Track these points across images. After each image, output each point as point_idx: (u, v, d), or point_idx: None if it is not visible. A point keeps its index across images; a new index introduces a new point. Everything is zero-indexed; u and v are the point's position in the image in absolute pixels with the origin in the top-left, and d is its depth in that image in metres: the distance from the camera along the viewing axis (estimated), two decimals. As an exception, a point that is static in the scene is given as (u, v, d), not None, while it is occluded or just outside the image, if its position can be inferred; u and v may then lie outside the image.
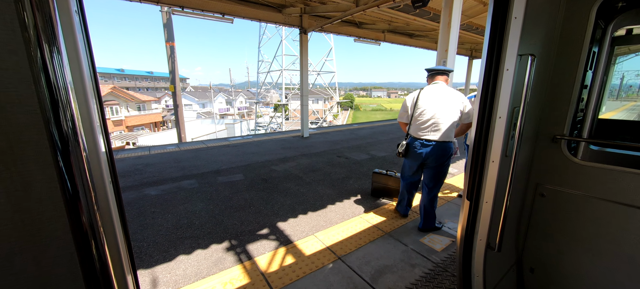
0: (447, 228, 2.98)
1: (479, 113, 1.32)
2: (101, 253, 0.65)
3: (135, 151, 6.46)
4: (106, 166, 0.71)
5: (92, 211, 0.62)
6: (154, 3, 5.56)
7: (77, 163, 0.60)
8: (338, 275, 2.24)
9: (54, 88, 0.56)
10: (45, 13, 0.54)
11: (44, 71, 0.55)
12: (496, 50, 1.23)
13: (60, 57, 0.57)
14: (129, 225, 2.97)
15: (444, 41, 4.28)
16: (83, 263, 0.64)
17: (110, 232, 0.72)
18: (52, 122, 0.57)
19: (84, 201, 0.61)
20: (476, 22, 8.18)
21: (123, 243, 0.78)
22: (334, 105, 37.87)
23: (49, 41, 0.55)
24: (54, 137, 0.57)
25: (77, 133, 0.60)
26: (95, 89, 0.70)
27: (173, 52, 11.43)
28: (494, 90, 1.27)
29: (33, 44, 0.54)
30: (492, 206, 1.36)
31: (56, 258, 0.64)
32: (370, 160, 5.71)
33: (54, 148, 0.58)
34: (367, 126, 10.65)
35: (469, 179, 1.42)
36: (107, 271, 0.66)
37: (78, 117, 0.61)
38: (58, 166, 0.58)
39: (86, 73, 0.65)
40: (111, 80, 46.15)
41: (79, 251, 0.63)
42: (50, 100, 0.56)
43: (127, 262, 0.79)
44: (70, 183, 0.59)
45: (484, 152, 1.35)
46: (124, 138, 23.26)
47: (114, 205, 0.74)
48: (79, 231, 0.61)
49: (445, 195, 3.87)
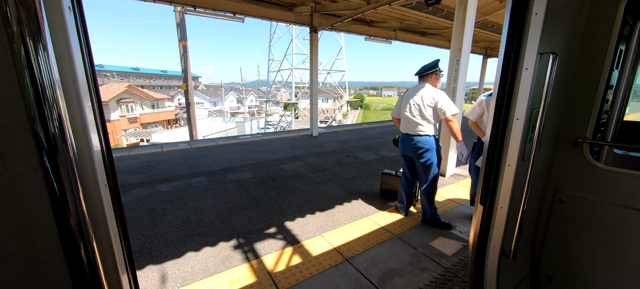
0: (458, 232, 2.89)
1: (495, 114, 1.26)
2: (91, 257, 0.63)
3: (149, 148, 6.62)
4: (101, 166, 0.70)
5: (81, 213, 0.61)
6: (168, 3, 5.66)
7: (64, 164, 0.58)
8: (345, 277, 2.21)
9: (39, 86, 0.55)
10: (29, 9, 0.52)
11: (29, 68, 0.53)
12: (514, 48, 1.17)
13: (46, 54, 0.55)
14: (139, 221, 3.05)
15: (458, 39, 4.16)
16: (72, 268, 0.63)
17: (103, 234, 0.71)
18: (37, 121, 0.56)
19: (71, 203, 0.59)
20: (492, 20, 7.94)
21: (118, 244, 0.77)
22: (344, 104, 37.72)
23: (34, 38, 0.54)
24: (40, 136, 0.56)
25: (64, 132, 0.59)
26: (93, 88, 0.69)
27: (186, 51, 11.65)
28: (511, 90, 1.21)
29: (16, 40, 0.53)
30: (508, 212, 1.29)
31: (47, 262, 0.63)
32: (379, 161, 5.63)
33: (39, 148, 0.57)
34: (377, 126, 10.53)
35: (482, 183, 1.36)
36: (97, 275, 0.65)
37: (66, 116, 0.59)
38: (44, 167, 0.57)
39: (79, 71, 0.63)
40: (127, 78, 47.54)
41: (68, 255, 0.62)
42: (34, 98, 0.55)
43: (123, 263, 0.78)
44: (57, 184, 0.58)
45: (500, 155, 1.28)
46: (138, 135, 23.96)
47: (109, 206, 0.73)
48: (67, 234, 0.61)
49: (457, 198, 3.77)
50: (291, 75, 29.24)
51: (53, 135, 0.57)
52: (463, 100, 4.49)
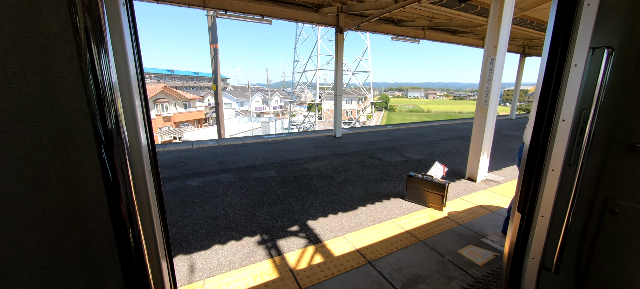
0: (490, 241, 2.72)
1: (537, 115, 1.16)
2: (138, 240, 0.68)
3: (180, 145, 7.01)
4: (147, 158, 0.76)
5: (131, 200, 0.66)
6: (201, 7, 5.96)
7: (118, 155, 0.64)
8: (367, 280, 2.17)
9: (100, 87, 0.60)
10: (94, 16, 0.57)
11: (92, 71, 0.59)
12: (562, 42, 1.07)
13: (108, 57, 0.61)
14: (171, 212, 3.23)
15: (493, 37, 3.92)
16: (121, 249, 0.68)
17: (147, 220, 0.76)
18: (97, 117, 0.61)
19: (123, 191, 0.65)
20: (531, 16, 7.38)
21: (160, 231, 0.82)
22: (368, 106, 37.19)
23: (98, 44, 0.59)
24: (99, 130, 0.62)
25: (120, 127, 0.64)
26: (141, 87, 0.75)
27: (216, 53, 12.18)
28: (557, 88, 1.11)
29: (83, 45, 0.58)
30: (550, 221, 1.19)
31: (99, 242, 0.69)
32: (404, 163, 5.47)
33: (98, 140, 0.63)
34: (403, 127, 10.24)
35: (521, 189, 1.26)
36: (142, 257, 0.69)
37: (121, 112, 0.65)
38: (101, 157, 0.63)
39: (132, 73, 0.69)
40: (163, 79, 50.82)
41: (118, 237, 0.67)
42: (96, 97, 0.60)
43: (163, 249, 0.83)
44: (112, 172, 0.63)
45: (541, 159, 1.18)
46: (171, 133, 25.51)
47: (153, 194, 0.79)
48: (118, 219, 0.66)
49: (488, 205, 3.55)
50: (315, 76, 29.43)
51: (110, 131, 0.63)
52: (497, 101, 4.22)
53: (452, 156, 6.05)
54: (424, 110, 74.16)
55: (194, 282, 2.15)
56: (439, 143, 7.42)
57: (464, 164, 5.33)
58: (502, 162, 5.61)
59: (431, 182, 3.40)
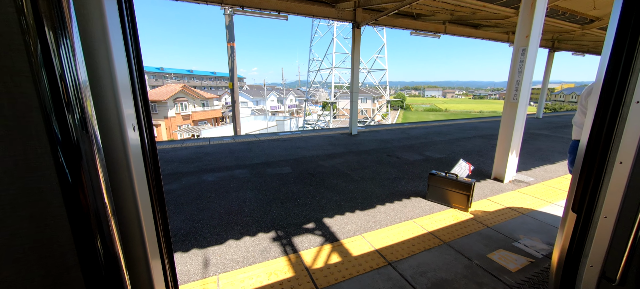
0: (523, 246, 2.49)
1: (601, 95, 0.98)
2: (108, 244, 0.62)
3: (198, 141, 7.12)
4: (137, 158, 0.71)
5: (100, 203, 0.60)
6: (218, 4, 5.99)
7: (86, 155, 0.57)
8: (388, 282, 2.03)
9: (59, 82, 0.52)
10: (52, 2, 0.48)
11: (46, 65, 0.50)
12: (635, 10, 0.89)
13: (71, 50, 0.52)
14: (187, 206, 3.22)
15: (525, 26, 3.63)
16: (83, 254, 0.61)
17: (132, 222, 0.72)
18: (54, 116, 0.53)
19: (89, 192, 0.58)
20: (564, 6, 6.87)
21: (152, 232, 0.78)
22: (384, 105, 36.55)
23: (56, 31, 0.49)
24: (54, 130, 0.54)
25: (86, 126, 0.56)
26: (139, 85, 0.70)
27: (233, 52, 12.33)
28: (629, 64, 0.92)
29: (33, 34, 0.49)
30: (615, 223, 1.00)
31: (60, 245, 0.62)
32: (424, 161, 5.24)
33: (53, 140, 0.55)
34: (420, 126, 9.90)
35: (577, 185, 1.08)
36: (115, 262, 0.63)
37: (90, 111, 0.57)
38: (57, 158, 0.55)
39: (119, 68, 0.63)
40: (182, 79, 52.49)
41: (78, 241, 0.60)
42: (51, 93, 0.52)
43: (156, 249, 0.77)
44: (72, 174, 0.56)
45: (605, 150, 1.00)
46: (190, 131, 26.26)
47: (145, 194, 0.74)
48: (79, 223, 0.59)
49: (518, 207, 3.29)
50: (331, 75, 29.24)
51: (72, 130, 0.55)
52: (528, 95, 3.92)
53: (475, 155, 5.73)
54: (442, 109, 72.02)
55: (207, 277, 2.09)
56: (460, 142, 7.08)
57: (489, 163, 5.03)
58: (531, 162, 5.24)
59: (456, 181, 3.18)
